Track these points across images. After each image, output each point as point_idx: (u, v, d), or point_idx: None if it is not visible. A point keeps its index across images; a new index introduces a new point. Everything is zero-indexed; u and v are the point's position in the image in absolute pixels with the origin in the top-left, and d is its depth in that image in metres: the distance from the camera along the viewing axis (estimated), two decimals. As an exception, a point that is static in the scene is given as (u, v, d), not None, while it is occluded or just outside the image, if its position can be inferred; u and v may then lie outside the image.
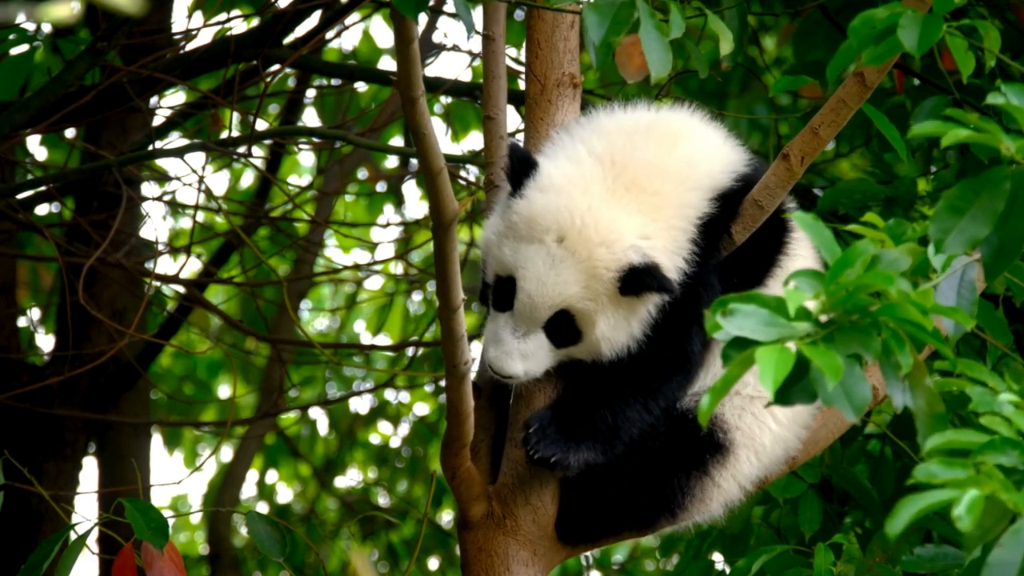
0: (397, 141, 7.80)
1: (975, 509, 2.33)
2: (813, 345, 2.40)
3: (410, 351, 7.14)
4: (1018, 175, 2.48)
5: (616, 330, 3.51)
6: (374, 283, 8.90)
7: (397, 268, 8.04)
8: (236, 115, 5.79)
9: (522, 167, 3.54)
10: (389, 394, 8.90)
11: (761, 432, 3.76)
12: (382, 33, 8.29)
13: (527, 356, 3.53)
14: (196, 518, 9.23)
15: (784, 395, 2.46)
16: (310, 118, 8.08)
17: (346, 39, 8.41)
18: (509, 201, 3.56)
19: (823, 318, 2.44)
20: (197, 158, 5.58)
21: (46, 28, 4.98)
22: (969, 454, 2.42)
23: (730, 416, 3.73)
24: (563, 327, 3.53)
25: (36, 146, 7.45)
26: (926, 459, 2.43)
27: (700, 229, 3.55)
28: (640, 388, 3.59)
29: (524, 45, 3.90)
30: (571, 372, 3.65)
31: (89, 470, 6.71)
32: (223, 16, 5.73)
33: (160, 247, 6.51)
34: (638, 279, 3.46)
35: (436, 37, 7.31)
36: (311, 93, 7.33)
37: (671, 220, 3.52)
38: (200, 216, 6.99)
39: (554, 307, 3.50)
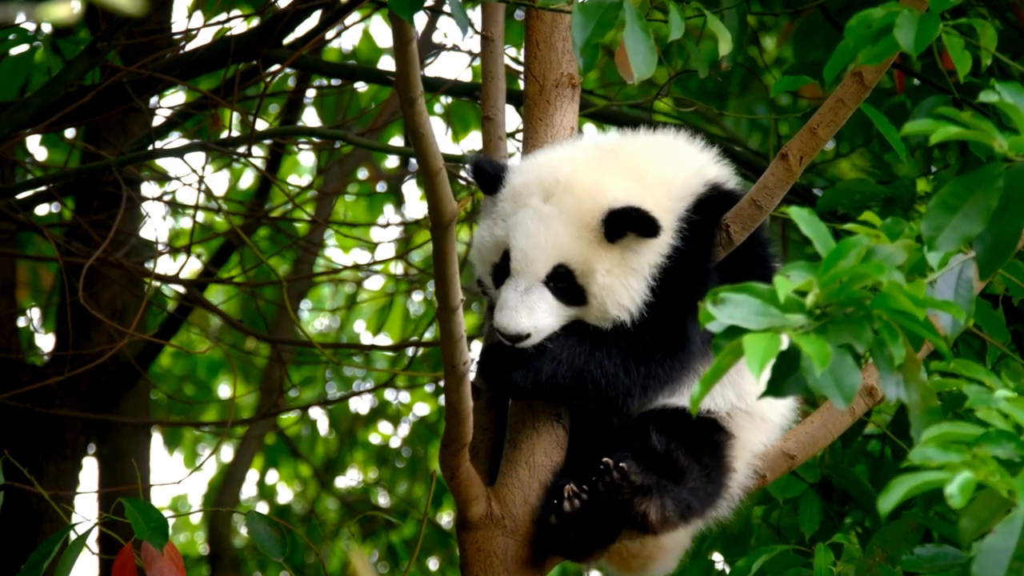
0: (397, 141, 7.79)
1: (967, 489, 2.33)
2: (804, 335, 2.40)
3: (410, 351, 7.13)
4: (1012, 172, 2.48)
5: (616, 281, 3.51)
6: (374, 283, 8.90)
7: (397, 268, 8.04)
8: (236, 115, 5.79)
9: (494, 171, 3.61)
10: (389, 394, 8.90)
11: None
12: (382, 33, 8.28)
13: (533, 309, 3.52)
14: (196, 518, 9.23)
15: (777, 387, 2.46)
16: (310, 118, 8.08)
17: (346, 39, 8.42)
18: (492, 198, 3.62)
19: (817, 310, 2.44)
20: (197, 158, 5.58)
21: (46, 28, 4.98)
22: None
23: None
24: (565, 283, 3.54)
25: (36, 146, 7.45)
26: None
27: (693, 207, 3.59)
28: (627, 346, 3.56)
29: (523, 45, 3.91)
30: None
31: (89, 470, 6.71)
32: (223, 16, 5.73)
33: (160, 247, 6.50)
34: (621, 220, 3.49)
35: (436, 37, 7.32)
36: (311, 93, 7.33)
37: (661, 200, 3.56)
38: (200, 216, 6.99)
39: (550, 260, 3.52)
